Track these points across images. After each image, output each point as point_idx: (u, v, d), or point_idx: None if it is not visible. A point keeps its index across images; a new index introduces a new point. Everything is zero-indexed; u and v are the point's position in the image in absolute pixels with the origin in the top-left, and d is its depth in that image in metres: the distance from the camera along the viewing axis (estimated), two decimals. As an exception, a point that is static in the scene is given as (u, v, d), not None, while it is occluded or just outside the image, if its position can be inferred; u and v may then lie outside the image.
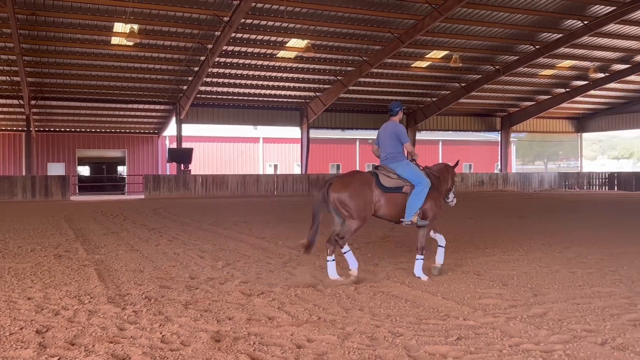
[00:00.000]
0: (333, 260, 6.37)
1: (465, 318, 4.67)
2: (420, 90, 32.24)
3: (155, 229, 11.96)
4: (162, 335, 4.20)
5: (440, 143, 47.66)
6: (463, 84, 30.91)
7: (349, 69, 27.59)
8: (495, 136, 39.17)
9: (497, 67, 28.50)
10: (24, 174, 30.06)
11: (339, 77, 28.20)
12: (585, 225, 12.19)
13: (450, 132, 39.94)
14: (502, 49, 26.91)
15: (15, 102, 27.25)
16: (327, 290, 5.76)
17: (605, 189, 34.84)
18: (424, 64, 28.02)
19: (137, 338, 4.14)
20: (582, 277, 6.34)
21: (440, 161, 44.09)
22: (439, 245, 6.71)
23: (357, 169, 43.84)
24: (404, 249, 8.62)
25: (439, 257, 6.67)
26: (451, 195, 7.29)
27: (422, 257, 6.49)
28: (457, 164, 7.60)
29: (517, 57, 27.67)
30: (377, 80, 29.76)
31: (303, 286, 5.92)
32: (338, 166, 44.36)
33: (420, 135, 38.49)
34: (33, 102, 27.10)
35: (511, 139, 40.22)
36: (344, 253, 6.38)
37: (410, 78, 30.00)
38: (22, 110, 27.43)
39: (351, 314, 4.84)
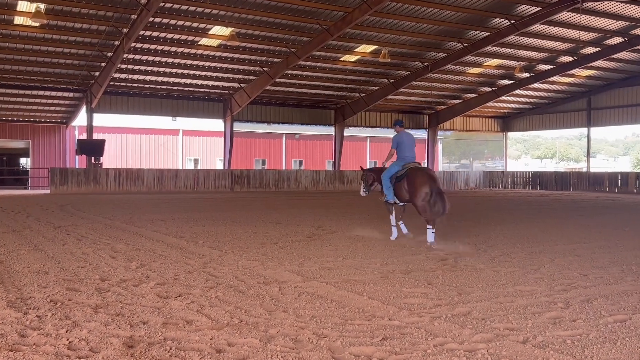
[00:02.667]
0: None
1: (390, 318, 4.79)
2: (349, 85, 32.70)
3: (62, 226, 11.44)
4: (69, 342, 4.03)
5: (368, 140, 48.58)
6: (392, 80, 31.63)
7: (275, 60, 27.53)
8: (423, 134, 40.38)
9: (425, 64, 29.38)
10: None
11: (265, 69, 28.08)
12: (508, 224, 12.81)
13: (378, 128, 40.76)
14: (430, 46, 27.76)
15: None
16: (249, 291, 5.73)
17: (528, 188, 36.80)
18: (353, 58, 28.41)
19: (40, 345, 3.95)
20: (505, 276, 6.66)
21: (368, 159, 44.26)
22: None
23: (284, 164, 43.93)
24: (330, 248, 8.72)
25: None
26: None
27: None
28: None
29: (445, 55, 28.65)
30: (305, 73, 29.88)
31: (225, 287, 5.86)
32: (263, 161, 44.24)
33: (348, 132, 39.04)
34: None
35: (438, 137, 41.61)
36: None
37: (339, 72, 30.34)
38: None
39: (274, 315, 4.84)
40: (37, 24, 21.04)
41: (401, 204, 9.95)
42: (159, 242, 9.28)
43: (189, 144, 42.27)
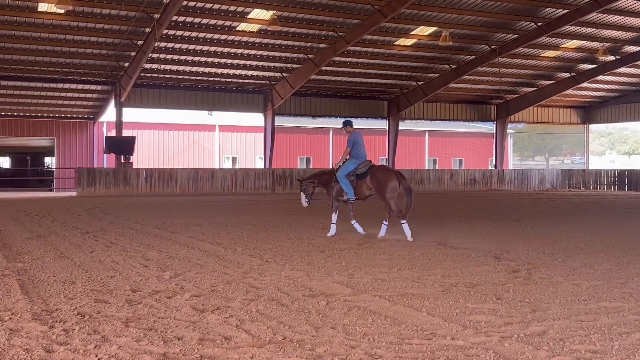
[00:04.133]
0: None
1: (453, 337, 4.73)
2: (405, 73, 32.50)
3: (89, 232, 11.79)
4: (98, 358, 4.15)
5: (427, 134, 48.15)
6: (453, 66, 31.25)
7: (321, 46, 27.61)
8: (490, 127, 39.80)
9: (493, 46, 28.90)
10: None
11: (310, 56, 28.20)
12: (590, 230, 12.47)
13: (438, 121, 40.37)
14: (499, 26, 27.29)
15: None
16: (293, 305, 5.77)
17: (614, 189, 35.71)
18: (409, 41, 28.22)
19: (67, 362, 4.09)
20: (587, 291, 6.49)
21: (426, 156, 43.99)
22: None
23: (331, 163, 44.01)
24: (383, 258, 8.69)
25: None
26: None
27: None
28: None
29: (516, 36, 28.12)
30: (355, 59, 29.87)
31: (266, 300, 5.92)
32: (308, 159, 44.43)
33: (403, 125, 38.82)
34: (-60, 79, 26.36)
35: (508, 131, 40.90)
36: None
37: (393, 58, 30.20)
38: None
39: (322, 332, 4.86)
40: (62, 11, 21.73)
41: (352, 200, 11.49)
42: (194, 249, 9.45)
43: (226, 140, 42.84)
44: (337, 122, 42.63)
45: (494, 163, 40.35)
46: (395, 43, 28.38)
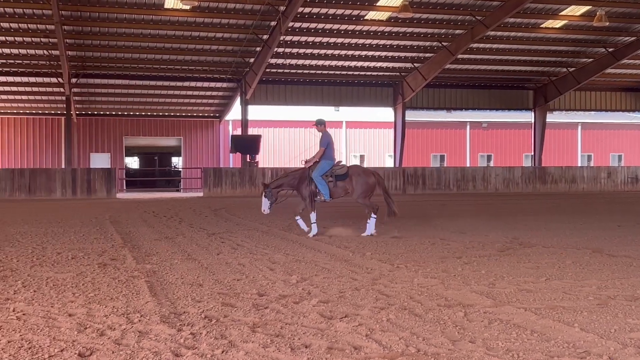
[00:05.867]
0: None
1: (611, 357, 4.50)
2: (553, 59, 31.30)
3: (216, 233, 12.34)
4: (225, 364, 4.34)
5: (579, 127, 45.89)
6: (610, 49, 29.62)
7: (457, 32, 27.17)
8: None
9: (658, 25, 27.10)
10: (63, 166, 31.92)
11: (445, 43, 27.83)
12: None
13: (592, 112, 38.45)
14: (665, 1, 25.55)
15: (54, 80, 28.93)
16: (427, 315, 5.72)
17: None
18: (558, 23, 27.12)
19: (195, 366, 4.31)
20: None
21: (579, 151, 42.27)
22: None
23: (468, 160, 43.21)
24: (528, 266, 8.41)
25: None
26: None
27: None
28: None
29: (686, 12, 26.18)
30: (496, 45, 29.15)
31: (397, 309, 5.91)
32: (442, 157, 43.83)
33: (552, 117, 37.35)
34: (74, 80, 28.69)
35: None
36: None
37: (540, 42, 29.16)
38: (61, 90, 29.10)
39: (459, 346, 4.78)
40: (187, 7, 22.95)
41: (327, 200, 12.15)
42: (321, 253, 9.62)
43: (353, 137, 43.22)
44: (475, 116, 41.98)
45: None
46: (541, 25, 27.37)
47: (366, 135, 43.37)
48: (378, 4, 24.34)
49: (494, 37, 28.10)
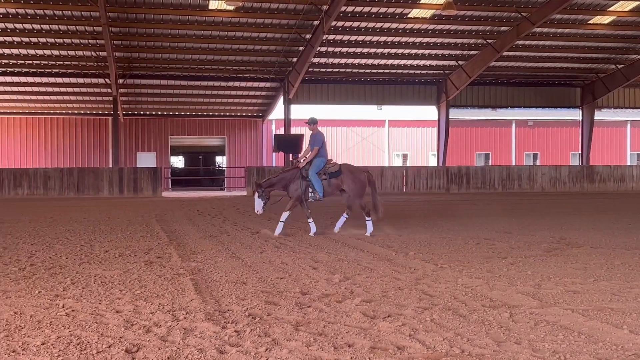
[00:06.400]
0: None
1: (662, 361, 4.39)
2: (601, 55, 30.67)
3: (259, 232, 12.44)
4: (269, 362, 4.37)
5: (629, 125, 44.80)
6: (662, 45, 28.87)
7: (502, 29, 26.83)
8: None
9: None
10: (110, 165, 32.55)
11: (490, 41, 27.50)
12: None
13: (643, 110, 37.49)
14: None
15: (101, 81, 29.52)
16: (472, 316, 5.67)
17: None
18: (607, 19, 26.54)
19: (239, 364, 4.35)
20: None
21: (628, 150, 41.21)
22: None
23: (513, 159, 42.63)
24: (575, 266, 8.26)
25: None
26: None
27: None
28: None
29: None
30: (542, 42, 28.69)
31: (441, 309, 5.88)
32: (487, 156, 43.31)
33: (600, 115, 36.55)
34: (121, 80, 29.22)
35: None
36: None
37: (587, 39, 28.61)
38: (109, 90, 29.68)
39: (504, 347, 4.73)
40: (231, 8, 23.17)
41: (321, 199, 12.13)
42: (363, 252, 9.62)
43: (396, 136, 43.00)
44: (520, 113, 41.34)
45: None
46: (589, 22, 26.85)
47: (409, 134, 43.09)
48: (421, 1, 24.18)
49: (540, 33, 27.65)
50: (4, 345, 4.72)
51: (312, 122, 12.42)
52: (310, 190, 12.04)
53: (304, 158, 12.29)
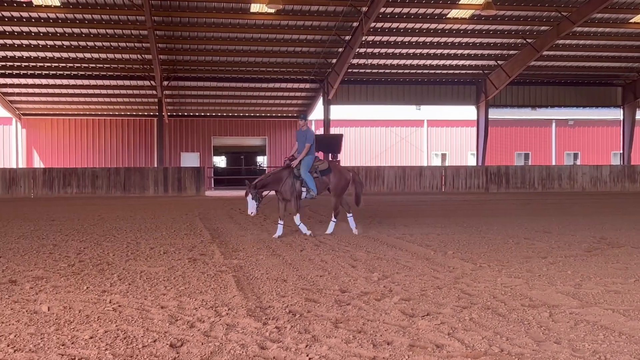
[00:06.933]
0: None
1: None
2: (643, 54, 29.96)
3: (299, 230, 12.47)
4: (309, 358, 4.39)
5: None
6: None
7: (542, 28, 26.44)
8: None
9: None
10: (155, 165, 33.02)
11: (529, 40, 27.11)
12: None
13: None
14: None
15: (147, 83, 29.98)
16: (511, 315, 5.61)
17: None
18: (648, 17, 25.94)
19: (280, 359, 4.38)
20: None
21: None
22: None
23: (553, 159, 41.95)
24: (616, 267, 8.09)
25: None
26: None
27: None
28: None
29: None
30: (582, 41, 28.19)
31: (480, 308, 5.82)
32: (526, 155, 42.71)
33: (642, 114, 35.70)
34: (165, 82, 29.62)
35: None
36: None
37: (629, 38, 28.02)
38: (154, 92, 30.12)
39: (544, 347, 4.67)
40: (272, 10, 23.30)
41: (315, 197, 11.86)
42: (402, 251, 9.57)
43: (434, 136, 42.70)
44: (560, 113, 40.65)
45: None
46: (630, 20, 26.29)
47: (448, 134, 42.76)
48: (461, 2, 23.97)
49: (581, 33, 27.16)
50: (54, 339, 4.84)
51: (303, 119, 12.21)
52: (304, 189, 11.78)
53: (295, 155, 12.06)
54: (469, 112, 35.75)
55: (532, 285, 6.93)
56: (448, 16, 25.16)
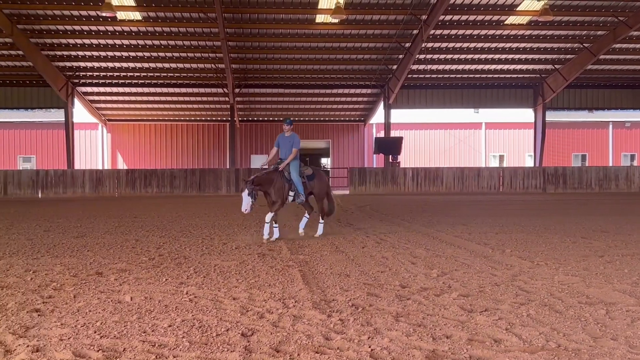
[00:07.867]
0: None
1: None
2: (702, 56, 28.62)
3: (361, 228, 12.47)
4: (371, 350, 4.38)
5: None
6: None
7: (599, 33, 25.60)
8: None
9: None
10: (228, 166, 33.59)
11: (586, 44, 26.29)
12: None
13: None
14: None
15: (220, 90, 30.55)
16: (568, 312, 5.46)
17: None
18: None
19: (344, 350, 4.39)
20: None
21: None
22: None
23: (610, 160, 40.54)
24: (677, 266, 7.76)
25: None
26: None
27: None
28: None
29: None
30: (639, 46, 27.10)
31: (538, 305, 5.69)
32: (583, 156, 41.42)
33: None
34: (237, 90, 30.10)
35: None
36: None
37: (687, 40, 26.77)
38: (226, 99, 30.66)
39: (600, 343, 4.52)
40: (336, 20, 23.35)
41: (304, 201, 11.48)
42: (460, 249, 9.44)
43: (492, 138, 41.89)
44: (617, 115, 39.26)
45: None
46: (689, 23, 25.11)
47: (505, 136, 41.87)
48: (518, 8, 23.47)
49: (638, 37, 26.17)
50: (136, 327, 4.99)
51: (289, 123, 11.54)
52: (292, 193, 11.21)
53: (289, 160, 11.20)
54: (526, 114, 34.94)
55: (589, 283, 6.72)
56: (506, 22, 24.68)
